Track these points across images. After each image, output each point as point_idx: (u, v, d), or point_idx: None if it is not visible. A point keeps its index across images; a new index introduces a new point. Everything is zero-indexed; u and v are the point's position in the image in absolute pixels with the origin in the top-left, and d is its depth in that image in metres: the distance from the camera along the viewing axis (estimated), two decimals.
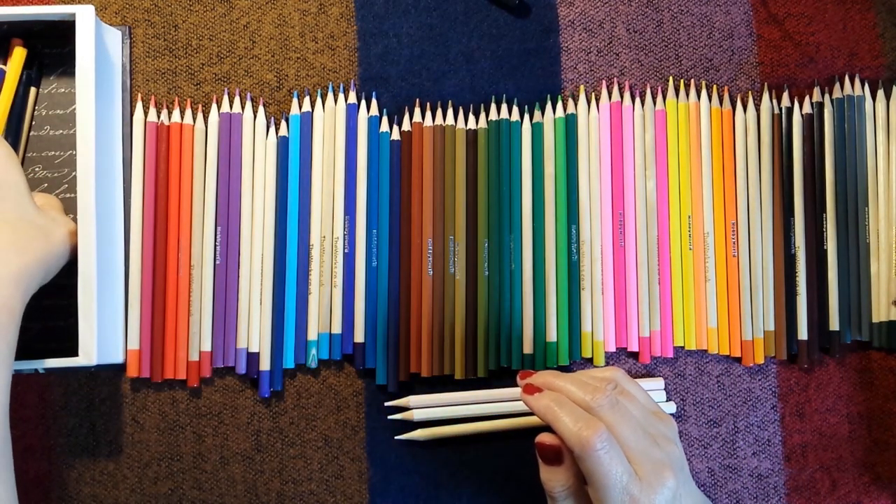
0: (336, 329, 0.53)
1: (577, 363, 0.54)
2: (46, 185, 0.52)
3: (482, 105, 0.56)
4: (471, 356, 0.53)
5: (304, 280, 0.53)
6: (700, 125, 0.55)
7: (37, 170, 0.52)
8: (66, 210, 0.51)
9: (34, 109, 0.53)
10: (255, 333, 0.53)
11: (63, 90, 0.53)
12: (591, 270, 0.54)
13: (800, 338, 0.54)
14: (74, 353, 0.47)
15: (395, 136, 0.54)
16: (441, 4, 0.56)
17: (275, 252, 0.53)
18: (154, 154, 0.53)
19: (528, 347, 0.53)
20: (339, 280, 0.53)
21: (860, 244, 0.54)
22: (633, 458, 0.39)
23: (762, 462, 0.54)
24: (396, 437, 0.53)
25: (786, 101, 0.55)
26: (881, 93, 0.55)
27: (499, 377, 0.54)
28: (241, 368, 0.53)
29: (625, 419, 0.41)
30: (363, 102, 0.55)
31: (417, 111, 0.55)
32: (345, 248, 0.53)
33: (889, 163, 0.54)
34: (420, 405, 0.52)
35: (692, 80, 0.56)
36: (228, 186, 0.53)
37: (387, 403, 0.53)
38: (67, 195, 0.52)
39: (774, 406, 0.54)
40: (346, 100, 0.54)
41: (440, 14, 0.56)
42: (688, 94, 0.55)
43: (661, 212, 0.54)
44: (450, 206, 0.54)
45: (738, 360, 0.55)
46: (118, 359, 0.51)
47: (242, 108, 0.54)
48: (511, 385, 0.53)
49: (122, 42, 0.55)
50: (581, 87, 0.56)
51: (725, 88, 0.56)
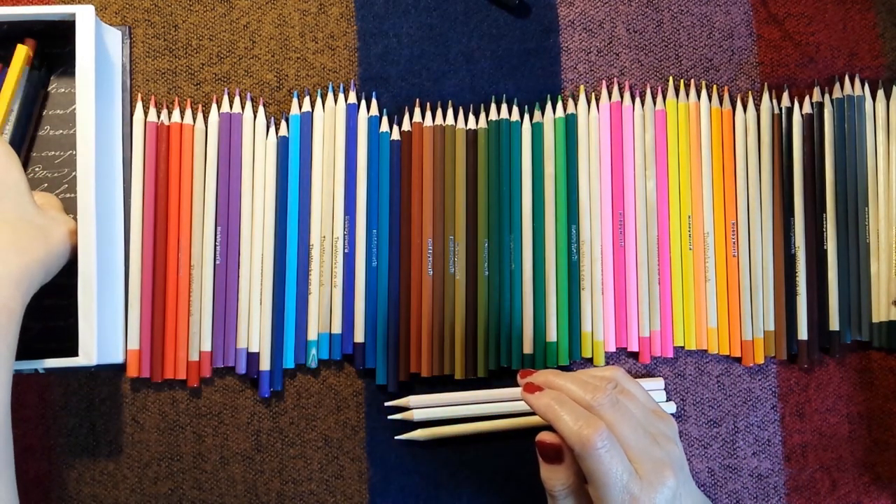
0: (336, 329, 0.53)
1: (577, 363, 0.54)
2: (46, 185, 0.52)
3: (482, 105, 0.56)
4: (471, 356, 0.53)
5: (304, 280, 0.53)
6: (700, 125, 0.55)
7: (37, 170, 0.52)
8: (66, 210, 0.51)
9: (42, 110, 0.53)
10: (255, 333, 0.53)
11: (63, 90, 0.53)
12: (591, 270, 0.54)
13: (800, 338, 0.54)
14: (74, 353, 0.47)
15: (395, 136, 0.54)
16: (441, 4, 0.56)
17: (275, 252, 0.53)
18: (154, 154, 0.53)
19: (528, 347, 0.53)
20: (339, 280, 0.53)
21: (860, 244, 0.54)
22: (634, 457, 0.39)
23: (762, 462, 0.54)
24: (396, 437, 0.53)
25: (786, 101, 0.55)
26: (881, 93, 0.55)
27: (499, 377, 0.54)
28: (241, 368, 0.52)
29: (625, 418, 0.41)
30: (363, 102, 0.55)
31: (417, 111, 0.55)
32: (345, 248, 0.53)
33: (889, 163, 0.54)
34: (420, 405, 0.52)
35: (692, 80, 0.56)
36: (228, 186, 0.53)
37: (387, 403, 0.53)
38: (67, 195, 0.52)
39: (774, 406, 0.54)
40: (346, 100, 0.54)
41: (440, 14, 0.56)
42: (688, 94, 0.55)
43: (661, 212, 0.54)
44: (450, 206, 0.54)
45: (738, 360, 0.55)
46: (118, 359, 0.51)
47: (242, 108, 0.54)
48: (511, 385, 0.53)
49: (122, 42, 0.55)
50: (581, 87, 0.56)
51: (725, 88, 0.56)
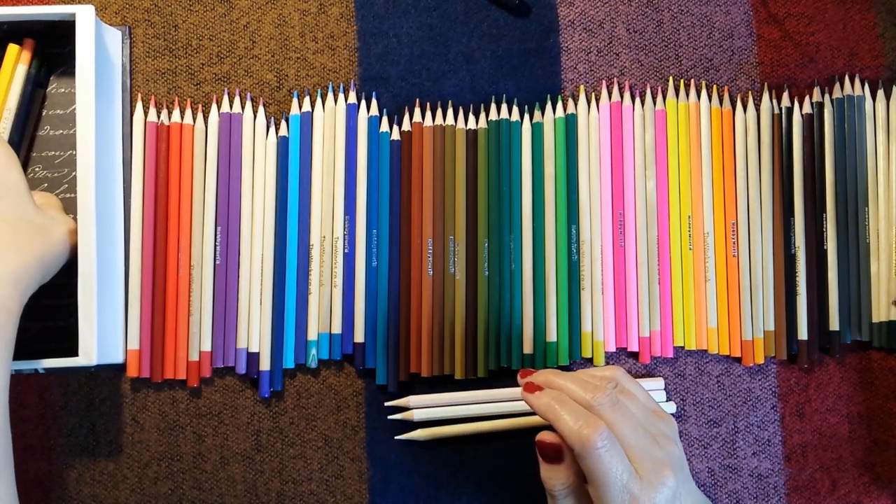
0: (336, 329, 0.53)
1: (578, 363, 0.54)
2: (46, 185, 0.52)
3: (482, 105, 0.56)
4: (471, 356, 0.53)
5: (304, 280, 0.53)
6: (700, 125, 0.55)
7: (37, 170, 0.52)
8: (66, 210, 0.51)
9: (41, 110, 0.53)
10: (255, 333, 0.53)
11: (63, 90, 0.53)
12: (591, 270, 0.54)
13: (800, 338, 0.54)
14: (74, 353, 0.47)
15: (395, 136, 0.54)
16: (441, 4, 0.56)
17: (275, 252, 0.53)
18: (154, 154, 0.53)
19: (528, 347, 0.53)
20: (339, 280, 0.53)
21: (860, 244, 0.54)
22: (634, 457, 0.39)
23: (762, 462, 0.54)
24: (396, 437, 0.53)
25: (786, 101, 0.55)
26: (881, 93, 0.55)
27: (499, 377, 0.54)
28: (241, 368, 0.52)
29: (625, 418, 0.41)
30: (363, 102, 0.55)
31: (417, 111, 0.55)
32: (345, 248, 0.53)
33: (889, 163, 0.54)
34: (420, 405, 0.52)
35: (692, 80, 0.56)
36: (228, 186, 0.53)
37: (387, 403, 0.53)
38: (67, 195, 0.52)
39: (774, 406, 0.54)
40: (346, 100, 0.54)
41: (440, 14, 0.56)
42: (688, 94, 0.55)
43: (661, 212, 0.54)
44: (450, 206, 0.54)
45: (738, 360, 0.55)
46: (118, 359, 0.51)
47: (242, 108, 0.54)
48: (511, 385, 0.53)
49: (122, 42, 0.55)
50: (581, 87, 0.56)
51: (725, 88, 0.56)
